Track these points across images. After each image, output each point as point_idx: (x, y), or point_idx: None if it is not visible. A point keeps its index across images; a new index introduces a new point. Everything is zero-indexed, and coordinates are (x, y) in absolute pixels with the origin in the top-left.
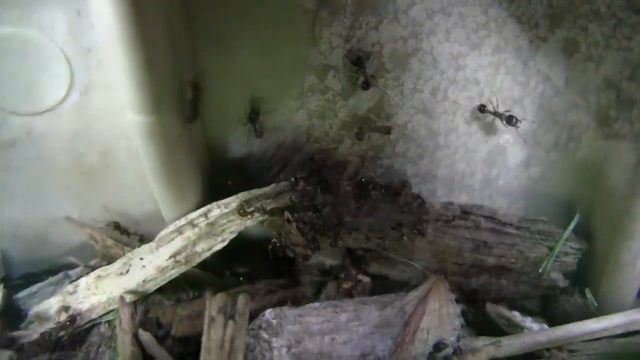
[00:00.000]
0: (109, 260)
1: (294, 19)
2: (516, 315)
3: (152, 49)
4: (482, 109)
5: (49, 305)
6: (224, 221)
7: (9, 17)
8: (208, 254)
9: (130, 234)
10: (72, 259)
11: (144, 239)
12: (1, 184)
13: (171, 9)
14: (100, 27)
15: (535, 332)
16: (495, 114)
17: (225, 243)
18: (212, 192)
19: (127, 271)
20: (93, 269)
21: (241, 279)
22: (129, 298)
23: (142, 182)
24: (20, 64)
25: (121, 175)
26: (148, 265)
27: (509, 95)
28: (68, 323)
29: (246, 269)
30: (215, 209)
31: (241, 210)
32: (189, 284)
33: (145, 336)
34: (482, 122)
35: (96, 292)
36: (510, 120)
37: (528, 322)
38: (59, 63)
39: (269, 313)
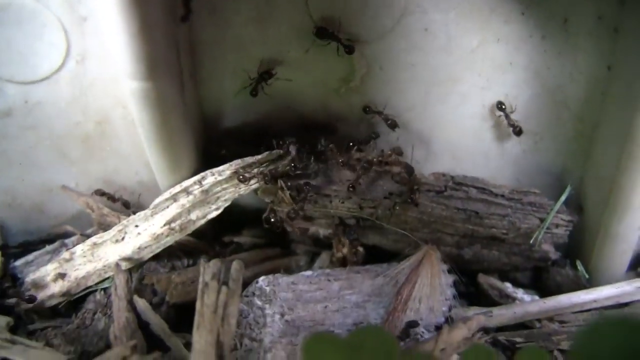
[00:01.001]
0: (105, 228)
1: None
2: (508, 287)
3: (147, 16)
4: (500, 106)
5: (45, 273)
6: (218, 189)
7: None
8: (202, 221)
9: (115, 200)
10: (69, 228)
11: (128, 205)
12: None
13: None
14: None
15: (527, 302)
16: (508, 117)
17: (220, 211)
18: (206, 161)
19: (123, 238)
20: (89, 237)
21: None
22: (124, 265)
23: (138, 151)
24: (16, 33)
25: (117, 144)
26: (143, 233)
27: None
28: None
29: (240, 238)
30: (210, 177)
31: (240, 177)
32: (183, 252)
33: (140, 302)
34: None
35: (92, 259)
36: (518, 132)
37: (520, 293)
38: (55, 31)
39: (262, 280)
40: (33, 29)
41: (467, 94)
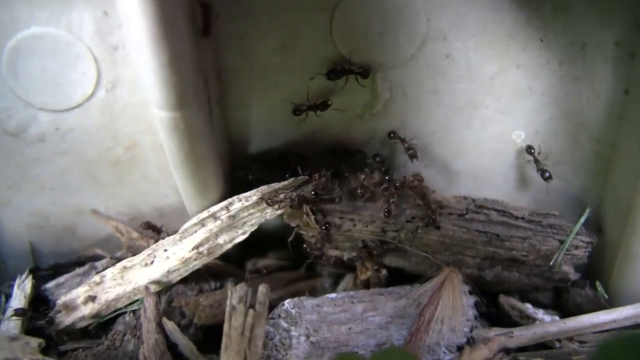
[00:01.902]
0: (134, 252)
1: (312, 16)
2: (529, 307)
3: (176, 47)
4: (529, 150)
5: (76, 295)
6: (244, 214)
7: (39, 17)
8: (230, 245)
9: (160, 232)
10: (99, 251)
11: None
12: (31, 177)
13: (194, 8)
14: (127, 25)
15: (547, 323)
16: (537, 162)
17: (246, 235)
18: (232, 185)
19: (152, 262)
20: (119, 260)
21: (264, 272)
22: (153, 288)
23: (166, 175)
24: (50, 62)
25: (146, 168)
26: (172, 257)
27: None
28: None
29: (266, 261)
30: (237, 202)
31: (268, 200)
32: (211, 275)
33: (169, 325)
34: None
35: (122, 283)
36: (547, 177)
37: (540, 314)
38: (87, 61)
39: (288, 303)
40: (66, 58)
41: (487, 118)
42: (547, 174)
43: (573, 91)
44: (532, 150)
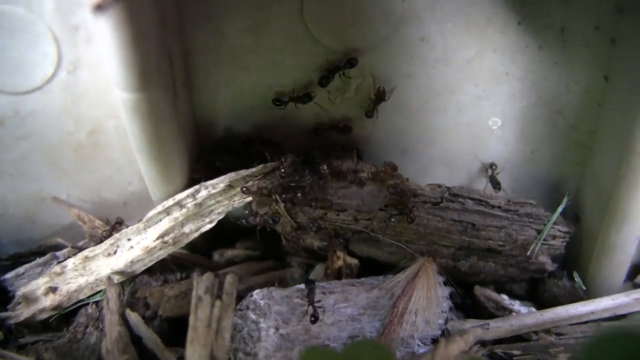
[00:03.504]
0: (97, 240)
1: None
2: (505, 299)
3: (138, 25)
4: (492, 166)
5: (37, 286)
6: (211, 202)
7: None
8: (196, 234)
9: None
10: (60, 240)
11: None
12: None
13: None
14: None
15: (524, 315)
16: (492, 179)
17: (213, 224)
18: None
19: (115, 252)
20: (81, 249)
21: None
22: (116, 279)
23: (130, 161)
24: (8, 42)
25: (110, 154)
26: (136, 246)
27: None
28: None
29: (234, 251)
30: (203, 190)
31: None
32: (176, 265)
33: (132, 316)
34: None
35: (84, 273)
36: (498, 189)
37: (516, 305)
38: (47, 41)
39: (256, 294)
40: (25, 38)
41: (463, 104)
42: (498, 187)
43: (552, 77)
44: (494, 167)
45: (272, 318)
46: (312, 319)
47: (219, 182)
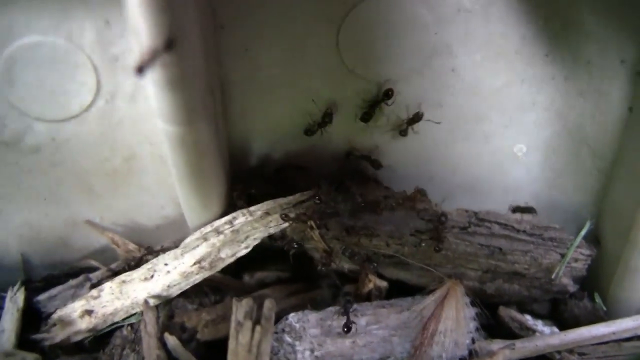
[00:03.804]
0: (130, 263)
1: (318, 28)
2: (528, 319)
3: (188, 66)
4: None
5: (72, 309)
6: (248, 228)
7: (38, 25)
8: (232, 259)
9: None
10: (93, 262)
11: None
12: (24, 187)
13: (204, 19)
14: (133, 37)
15: (548, 335)
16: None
17: (249, 249)
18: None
19: (152, 276)
20: (114, 271)
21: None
22: (152, 302)
23: (165, 187)
24: (48, 72)
25: (143, 180)
26: (173, 271)
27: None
28: None
29: (264, 273)
30: (241, 217)
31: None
32: (209, 287)
33: (170, 340)
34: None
35: (120, 297)
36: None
37: (539, 325)
38: (86, 71)
39: (292, 317)
40: (64, 68)
41: (490, 132)
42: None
43: (577, 107)
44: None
45: (307, 340)
46: (346, 329)
47: (257, 210)
